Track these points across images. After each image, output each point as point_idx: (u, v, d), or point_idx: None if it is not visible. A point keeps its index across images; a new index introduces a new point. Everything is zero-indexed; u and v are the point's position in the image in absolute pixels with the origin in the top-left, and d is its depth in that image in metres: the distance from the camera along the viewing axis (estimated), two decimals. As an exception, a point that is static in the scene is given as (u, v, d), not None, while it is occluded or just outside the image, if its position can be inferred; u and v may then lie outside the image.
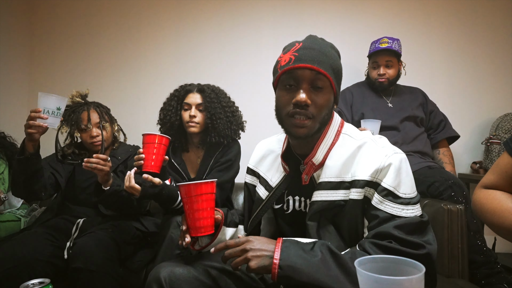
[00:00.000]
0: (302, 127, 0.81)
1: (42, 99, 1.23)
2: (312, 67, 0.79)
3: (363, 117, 1.81)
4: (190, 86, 1.59)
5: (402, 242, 0.72)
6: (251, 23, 2.30)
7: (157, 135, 1.19)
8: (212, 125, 1.51)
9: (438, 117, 1.92)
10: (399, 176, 0.77)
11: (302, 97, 0.79)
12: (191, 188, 0.84)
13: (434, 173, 1.59)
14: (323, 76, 0.80)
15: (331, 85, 0.82)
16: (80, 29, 2.34)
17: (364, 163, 0.79)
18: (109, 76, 2.32)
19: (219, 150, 1.55)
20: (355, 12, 2.26)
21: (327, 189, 0.83)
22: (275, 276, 0.68)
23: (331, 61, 0.82)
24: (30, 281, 0.78)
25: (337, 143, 0.86)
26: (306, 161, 0.88)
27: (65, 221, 1.47)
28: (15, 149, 1.74)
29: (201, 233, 0.86)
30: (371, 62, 1.92)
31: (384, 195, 0.76)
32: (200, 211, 0.85)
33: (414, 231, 0.74)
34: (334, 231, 0.84)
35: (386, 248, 0.72)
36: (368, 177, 0.78)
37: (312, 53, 0.80)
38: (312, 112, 0.80)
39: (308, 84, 0.80)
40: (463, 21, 2.24)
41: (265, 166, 1.01)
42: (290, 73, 0.81)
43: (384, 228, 0.74)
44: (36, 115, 1.20)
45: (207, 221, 0.87)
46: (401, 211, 0.75)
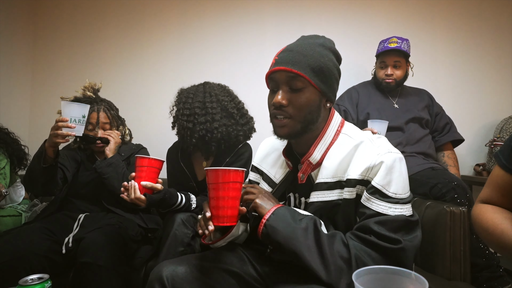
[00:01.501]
0: (283, 127, 0.84)
1: (66, 108, 1.25)
2: (286, 69, 0.81)
3: (368, 117, 1.80)
4: None
5: (380, 237, 0.72)
6: (255, 21, 2.28)
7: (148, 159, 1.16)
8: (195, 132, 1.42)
9: (443, 120, 1.90)
10: (389, 175, 0.76)
11: (277, 98, 0.82)
12: (219, 174, 0.80)
13: (437, 174, 1.58)
14: (300, 77, 0.81)
15: (312, 84, 0.82)
16: (83, 26, 2.33)
17: (357, 162, 0.80)
18: (112, 74, 2.31)
19: (231, 155, 1.48)
20: (360, 10, 2.24)
21: (324, 189, 0.83)
22: (260, 233, 0.78)
23: (310, 60, 0.82)
24: (29, 276, 0.78)
25: (336, 142, 0.86)
26: (303, 160, 0.88)
27: (65, 217, 1.47)
28: (18, 145, 1.74)
29: (223, 223, 0.81)
30: (378, 62, 1.90)
31: (371, 192, 0.76)
32: (226, 199, 0.81)
33: (398, 228, 0.74)
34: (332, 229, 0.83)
35: (363, 239, 0.74)
36: (359, 175, 0.78)
37: (289, 56, 0.83)
38: (290, 112, 0.83)
39: (285, 85, 0.83)
40: (468, 23, 2.22)
41: (269, 163, 1.02)
42: (271, 77, 0.86)
43: (365, 223, 0.75)
44: (64, 125, 1.23)
45: (231, 211, 0.82)
46: (387, 210, 0.74)
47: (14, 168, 1.72)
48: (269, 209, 0.79)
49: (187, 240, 1.25)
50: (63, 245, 1.30)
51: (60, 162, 1.51)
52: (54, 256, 1.27)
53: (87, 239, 1.24)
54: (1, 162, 1.60)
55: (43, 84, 2.32)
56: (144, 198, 1.15)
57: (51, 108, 1.54)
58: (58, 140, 1.25)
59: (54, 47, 2.34)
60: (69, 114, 1.24)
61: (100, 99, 1.62)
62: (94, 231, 1.29)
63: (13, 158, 1.69)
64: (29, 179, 1.40)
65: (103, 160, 1.51)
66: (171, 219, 1.29)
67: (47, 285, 0.77)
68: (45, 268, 1.21)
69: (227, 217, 0.81)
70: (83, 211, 1.52)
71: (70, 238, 1.33)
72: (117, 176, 1.47)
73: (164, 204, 1.25)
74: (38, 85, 2.33)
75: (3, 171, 1.60)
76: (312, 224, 0.76)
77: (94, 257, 1.18)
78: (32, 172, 1.37)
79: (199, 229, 0.86)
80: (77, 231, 1.37)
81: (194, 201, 1.37)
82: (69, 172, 1.55)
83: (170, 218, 1.30)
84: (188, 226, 1.27)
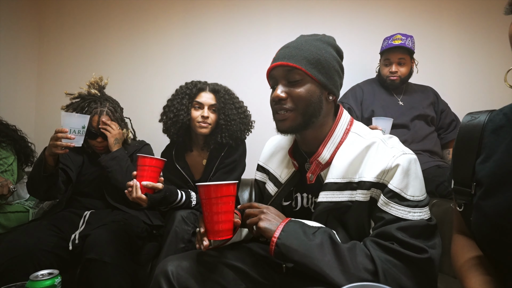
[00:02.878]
0: (284, 120, 0.84)
1: (66, 119, 1.24)
2: (282, 63, 0.83)
3: (373, 115, 1.79)
4: (202, 85, 1.52)
5: (404, 244, 0.70)
6: (258, 19, 2.27)
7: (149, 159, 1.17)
8: (226, 126, 1.48)
9: (449, 117, 1.89)
10: (406, 178, 0.74)
11: (275, 93, 0.83)
12: (211, 190, 0.80)
13: (443, 172, 1.57)
14: (296, 69, 0.82)
15: (309, 76, 0.82)
16: (89, 24, 2.34)
17: (372, 164, 0.78)
18: (116, 72, 2.31)
19: (224, 150, 1.51)
20: (364, 7, 2.22)
21: (333, 190, 0.82)
22: (272, 252, 0.74)
23: (306, 53, 0.82)
24: (40, 272, 0.79)
25: (345, 142, 0.85)
26: (312, 159, 0.87)
27: (71, 214, 1.48)
28: (25, 142, 1.75)
29: (219, 237, 0.82)
30: (383, 59, 1.89)
31: (389, 197, 0.74)
32: (220, 214, 0.81)
33: (419, 234, 0.72)
34: (342, 231, 0.83)
35: (386, 248, 0.71)
36: (374, 178, 0.76)
37: (285, 51, 0.84)
38: (290, 105, 0.83)
39: (283, 80, 0.84)
40: (474, 19, 2.19)
41: (275, 163, 1.01)
42: (270, 75, 0.87)
43: (387, 229, 0.72)
44: (63, 136, 1.22)
45: (226, 225, 0.82)
46: (407, 214, 0.73)
47: (21, 164, 1.74)
48: (277, 227, 0.75)
49: (188, 237, 1.26)
50: (70, 242, 1.31)
51: (62, 163, 1.51)
52: (61, 252, 1.28)
53: (93, 236, 1.25)
54: (9, 158, 1.62)
55: (49, 81, 2.33)
56: (145, 198, 1.15)
57: (57, 105, 1.55)
58: (57, 151, 1.24)
59: (60, 44, 2.35)
60: (69, 125, 1.23)
61: (104, 98, 1.58)
62: (100, 228, 1.30)
63: (20, 155, 1.71)
64: (31, 186, 1.40)
65: (107, 154, 1.51)
66: (172, 216, 1.30)
67: (57, 280, 0.78)
68: (52, 264, 1.23)
69: (222, 231, 0.82)
70: (89, 208, 1.53)
71: (76, 235, 1.34)
72: (121, 170, 1.46)
73: (165, 202, 1.26)
74: (43, 82, 2.34)
75: (10, 167, 1.61)
76: (328, 238, 0.73)
77: (100, 253, 1.19)
78: (33, 180, 1.37)
79: (196, 243, 0.88)
80: (83, 228, 1.38)
81: (194, 198, 1.39)
82: (73, 172, 1.55)
83: (171, 216, 1.31)
84: (188, 223, 1.28)
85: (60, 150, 1.23)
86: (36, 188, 1.39)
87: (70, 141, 1.23)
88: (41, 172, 1.30)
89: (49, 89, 2.32)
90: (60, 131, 1.22)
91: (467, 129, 0.68)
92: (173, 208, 1.34)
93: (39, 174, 1.31)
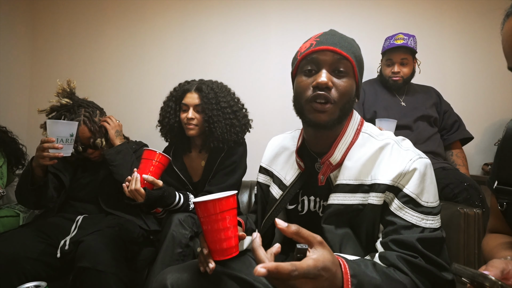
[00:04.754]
0: (323, 112, 0.76)
1: (53, 127, 1.16)
2: (334, 49, 0.76)
3: (375, 116, 1.75)
4: (188, 85, 1.47)
5: (428, 259, 0.67)
6: (257, 18, 2.23)
7: (157, 153, 1.17)
8: (210, 129, 1.40)
9: (452, 118, 1.86)
10: (423, 183, 0.71)
11: (323, 79, 0.74)
12: (214, 205, 0.72)
13: (448, 174, 1.53)
14: (346, 60, 0.76)
15: (354, 71, 0.77)
16: (83, 24, 2.28)
17: (386, 166, 0.74)
18: (112, 72, 2.26)
19: (224, 151, 1.46)
20: (366, 6, 2.20)
21: (345, 192, 0.78)
22: None
23: (353, 48, 0.79)
24: (26, 284, 0.73)
25: (357, 142, 0.81)
26: (323, 160, 0.82)
27: (62, 219, 1.42)
28: (15, 144, 1.70)
29: (225, 256, 0.75)
30: (385, 59, 1.85)
31: (404, 201, 0.71)
32: (224, 231, 0.73)
33: (433, 247, 0.69)
34: (351, 235, 0.79)
35: (415, 266, 0.66)
36: (389, 181, 0.72)
37: (334, 38, 0.78)
38: (334, 96, 0.76)
39: (329, 67, 0.77)
40: (477, 19, 2.17)
41: (279, 164, 0.96)
42: (310, 58, 0.78)
43: (407, 238, 0.68)
44: (50, 146, 1.14)
45: (232, 241, 0.75)
46: (420, 221, 0.70)
47: (11, 167, 1.68)
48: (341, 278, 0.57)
49: (185, 241, 1.21)
50: (58, 248, 1.25)
51: (54, 167, 1.45)
52: (49, 259, 1.23)
53: (86, 243, 1.19)
54: (-2, 161, 1.56)
55: (42, 82, 2.28)
56: (143, 192, 1.12)
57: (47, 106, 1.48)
58: (45, 163, 1.17)
59: (54, 43, 2.29)
60: (55, 134, 1.15)
61: (78, 105, 1.45)
62: (93, 234, 1.24)
63: (11, 157, 1.66)
64: (19, 196, 1.34)
65: (112, 148, 1.45)
66: (168, 219, 1.26)
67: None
68: (39, 272, 1.17)
69: (228, 249, 0.75)
70: (82, 213, 1.47)
71: (67, 241, 1.28)
72: (126, 164, 1.40)
73: (162, 202, 1.21)
74: (36, 83, 2.28)
75: (0, 170, 1.55)
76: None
77: (93, 261, 1.13)
78: (21, 191, 1.31)
79: (200, 265, 0.80)
80: (75, 233, 1.33)
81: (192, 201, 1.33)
82: (66, 177, 1.49)
83: (167, 219, 1.27)
84: (185, 226, 1.23)
85: (47, 161, 1.17)
86: (24, 199, 1.33)
87: (58, 150, 1.15)
88: (28, 185, 1.23)
89: (42, 90, 2.26)
90: (46, 141, 1.14)
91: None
92: (170, 211, 1.29)
93: (26, 187, 1.24)
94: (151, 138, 1.85)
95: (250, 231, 0.97)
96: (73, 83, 1.47)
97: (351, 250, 0.78)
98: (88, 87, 2.20)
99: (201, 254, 0.80)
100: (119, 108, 2.19)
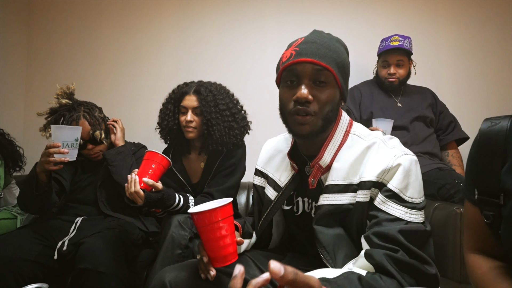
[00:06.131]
0: (304, 124, 0.77)
1: (58, 132, 1.17)
2: (313, 60, 0.75)
3: (372, 116, 1.76)
4: (187, 87, 1.47)
5: (410, 252, 0.67)
6: (255, 19, 2.24)
7: (159, 155, 1.18)
8: (208, 132, 1.41)
9: (447, 118, 1.88)
10: (407, 178, 0.72)
11: (303, 93, 0.75)
12: (211, 215, 0.73)
13: (444, 175, 1.55)
14: (326, 70, 0.76)
15: (336, 80, 0.78)
16: (79, 25, 2.27)
17: (372, 163, 0.75)
18: (109, 73, 2.25)
19: (223, 153, 1.46)
20: (361, 7, 2.21)
21: (334, 192, 0.79)
22: None
23: (334, 55, 0.78)
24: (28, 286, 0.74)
25: (345, 144, 0.82)
26: (313, 163, 0.84)
27: (61, 221, 1.42)
28: (13, 147, 1.70)
29: (227, 263, 0.76)
30: (381, 61, 1.87)
31: (388, 196, 0.72)
32: (223, 238, 0.75)
33: (417, 240, 0.69)
34: (344, 235, 0.80)
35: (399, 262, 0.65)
36: (374, 177, 0.74)
37: (313, 47, 0.77)
38: (314, 108, 0.76)
39: (309, 79, 0.76)
40: (472, 20, 2.20)
41: (274, 167, 0.97)
42: (291, 69, 0.78)
43: (388, 230, 0.69)
44: (56, 151, 1.15)
45: (231, 248, 0.76)
46: (404, 215, 0.70)
47: (8, 170, 1.68)
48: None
49: (185, 242, 1.21)
50: (56, 250, 1.26)
51: (56, 172, 1.45)
52: (47, 261, 1.23)
53: (86, 244, 1.19)
54: (-4, 164, 1.56)
55: (38, 85, 2.27)
56: (143, 194, 1.12)
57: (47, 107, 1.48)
58: (50, 167, 1.17)
59: (50, 44, 2.28)
60: (61, 139, 1.16)
61: (78, 104, 1.49)
62: (94, 236, 1.25)
63: (8, 160, 1.65)
64: (23, 204, 1.34)
65: (112, 148, 1.49)
66: (168, 221, 1.26)
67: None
68: (37, 274, 1.17)
69: (228, 255, 0.77)
70: (81, 215, 1.47)
71: (65, 242, 1.28)
72: (125, 166, 1.42)
73: (162, 204, 1.22)
74: (33, 84, 2.27)
75: (-3, 173, 1.55)
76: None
77: (94, 263, 1.13)
78: (25, 198, 1.31)
79: (201, 272, 0.81)
80: (74, 234, 1.33)
81: (192, 202, 1.34)
82: (66, 181, 1.49)
83: (167, 220, 1.27)
84: (185, 227, 1.23)
85: (53, 166, 1.17)
86: (29, 206, 1.34)
87: (64, 155, 1.16)
88: (34, 191, 1.23)
89: (39, 92, 2.25)
90: (52, 146, 1.15)
91: (489, 135, 0.63)
92: (170, 212, 1.29)
93: (32, 193, 1.24)
94: (149, 140, 1.85)
95: (248, 234, 0.97)
96: (72, 86, 1.50)
97: (345, 250, 0.78)
98: (85, 89, 2.19)
99: (201, 262, 0.81)
100: (117, 109, 2.18)
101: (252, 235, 0.99)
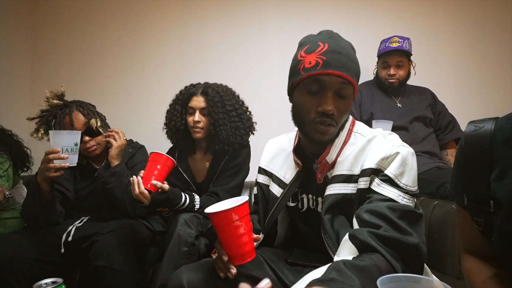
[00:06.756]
0: (325, 134, 0.82)
1: (56, 138, 1.14)
2: (341, 74, 0.77)
3: (372, 117, 1.80)
4: (194, 88, 1.50)
5: (393, 225, 0.69)
6: (256, 20, 2.27)
7: (164, 156, 1.19)
8: (215, 132, 1.44)
9: (446, 118, 1.91)
10: (403, 166, 0.77)
11: (329, 108, 0.78)
12: (231, 214, 0.74)
13: (443, 173, 1.58)
14: (350, 84, 0.80)
15: (354, 92, 0.83)
16: (83, 26, 2.30)
17: (373, 153, 0.81)
18: (113, 75, 2.28)
19: (228, 153, 1.50)
20: (361, 9, 2.24)
21: (339, 182, 0.84)
22: None
23: (356, 67, 0.82)
24: (43, 281, 0.77)
25: (349, 141, 0.88)
26: (320, 159, 0.88)
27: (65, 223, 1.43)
28: (21, 147, 1.71)
29: (245, 260, 0.78)
30: (380, 62, 1.90)
31: (383, 180, 0.77)
32: (243, 236, 0.76)
33: (405, 218, 0.72)
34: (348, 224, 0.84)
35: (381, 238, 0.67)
36: (374, 165, 0.79)
37: (340, 59, 0.78)
38: (336, 119, 0.81)
39: (334, 91, 0.79)
40: (471, 20, 2.22)
41: (278, 165, 1.01)
42: (317, 79, 0.79)
43: (377, 207, 0.73)
44: (55, 156, 1.12)
45: (250, 245, 0.78)
46: (398, 197, 0.75)
47: (16, 170, 1.70)
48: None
49: (191, 240, 1.24)
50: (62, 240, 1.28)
51: (57, 183, 1.43)
52: (50, 258, 1.25)
53: (101, 242, 1.22)
54: (4, 164, 1.58)
55: (43, 86, 2.25)
56: (148, 194, 1.14)
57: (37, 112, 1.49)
58: (51, 174, 1.15)
59: (54, 45, 2.31)
60: (60, 144, 1.13)
61: (69, 102, 1.49)
62: (107, 234, 1.27)
63: (16, 160, 1.67)
64: (28, 216, 1.32)
65: (107, 170, 1.42)
66: (174, 219, 1.29)
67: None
68: (38, 271, 1.18)
69: (247, 253, 0.78)
70: None
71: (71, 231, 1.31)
72: (120, 186, 1.39)
73: (168, 204, 1.25)
74: (37, 86, 2.29)
75: (6, 173, 1.58)
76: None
77: (109, 260, 1.16)
78: (29, 210, 1.28)
79: (219, 272, 0.82)
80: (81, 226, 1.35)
81: (197, 201, 1.37)
82: (70, 192, 1.47)
83: (173, 219, 1.30)
84: (191, 226, 1.26)
85: (54, 172, 1.15)
86: (33, 218, 1.30)
87: (64, 161, 1.13)
88: (37, 201, 1.22)
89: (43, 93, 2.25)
90: (51, 152, 1.12)
91: (473, 140, 0.61)
92: (176, 211, 1.32)
93: (35, 204, 1.22)
94: (152, 140, 1.88)
95: (255, 231, 1.00)
96: (62, 89, 1.50)
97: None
98: (88, 89, 2.24)
99: (220, 261, 0.82)
100: (119, 109, 2.21)
101: (259, 232, 1.02)
